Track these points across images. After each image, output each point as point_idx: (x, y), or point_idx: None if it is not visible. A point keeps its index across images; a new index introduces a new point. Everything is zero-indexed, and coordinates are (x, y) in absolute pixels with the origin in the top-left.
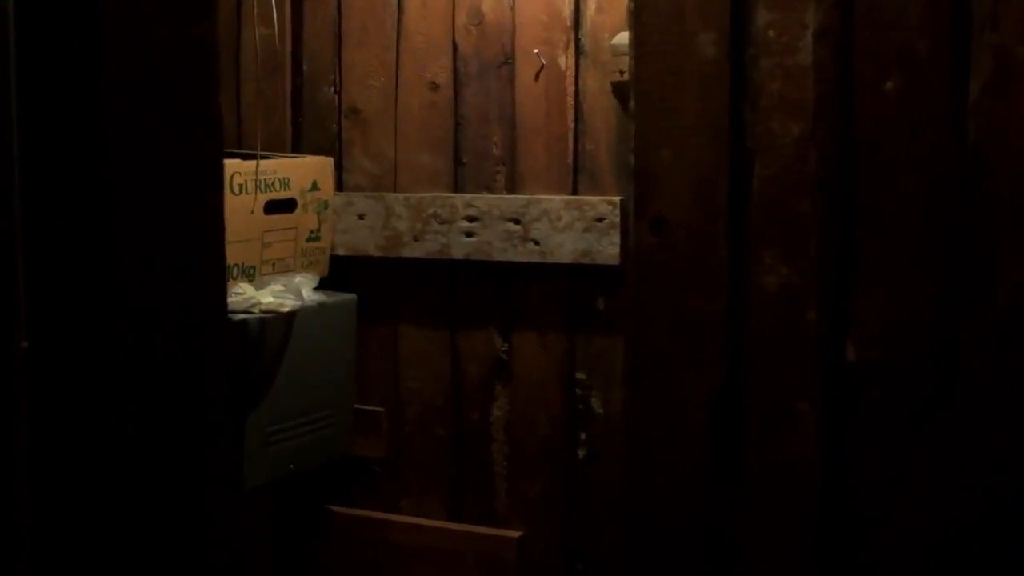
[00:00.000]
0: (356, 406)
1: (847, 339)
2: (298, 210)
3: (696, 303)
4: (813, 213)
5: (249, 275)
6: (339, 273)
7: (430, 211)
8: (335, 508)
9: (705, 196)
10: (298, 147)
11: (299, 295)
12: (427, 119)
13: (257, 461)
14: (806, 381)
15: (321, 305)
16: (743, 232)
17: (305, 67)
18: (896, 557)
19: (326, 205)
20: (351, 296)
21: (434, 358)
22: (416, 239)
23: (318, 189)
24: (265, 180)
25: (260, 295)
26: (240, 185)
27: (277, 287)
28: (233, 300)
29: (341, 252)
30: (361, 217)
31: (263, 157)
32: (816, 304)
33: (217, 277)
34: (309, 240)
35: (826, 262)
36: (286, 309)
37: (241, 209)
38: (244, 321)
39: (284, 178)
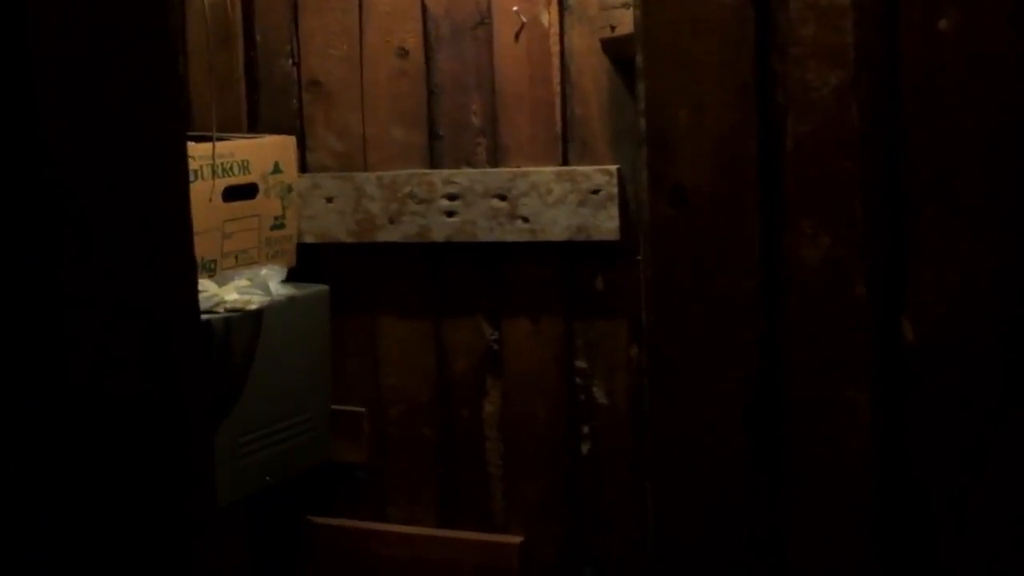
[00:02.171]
0: (334, 407)
1: (902, 318)
2: (260, 195)
3: (725, 282)
4: (857, 174)
5: (210, 270)
6: (308, 263)
7: (406, 190)
8: (316, 519)
9: (730, 159)
10: (255, 126)
11: (267, 289)
12: (397, 89)
13: (229, 476)
14: (856, 366)
15: (291, 299)
16: (776, 199)
17: (259, 37)
18: (969, 566)
19: (290, 189)
20: (323, 288)
21: (417, 351)
22: (392, 222)
23: (280, 172)
24: (223, 164)
25: (224, 292)
26: (195, 170)
27: (242, 282)
28: None
29: (309, 239)
30: (329, 200)
31: (218, 139)
32: (865, 278)
33: (186, 272)
34: (273, 228)
35: (875, 230)
36: (253, 306)
37: (197, 197)
38: (208, 322)
39: (243, 161)
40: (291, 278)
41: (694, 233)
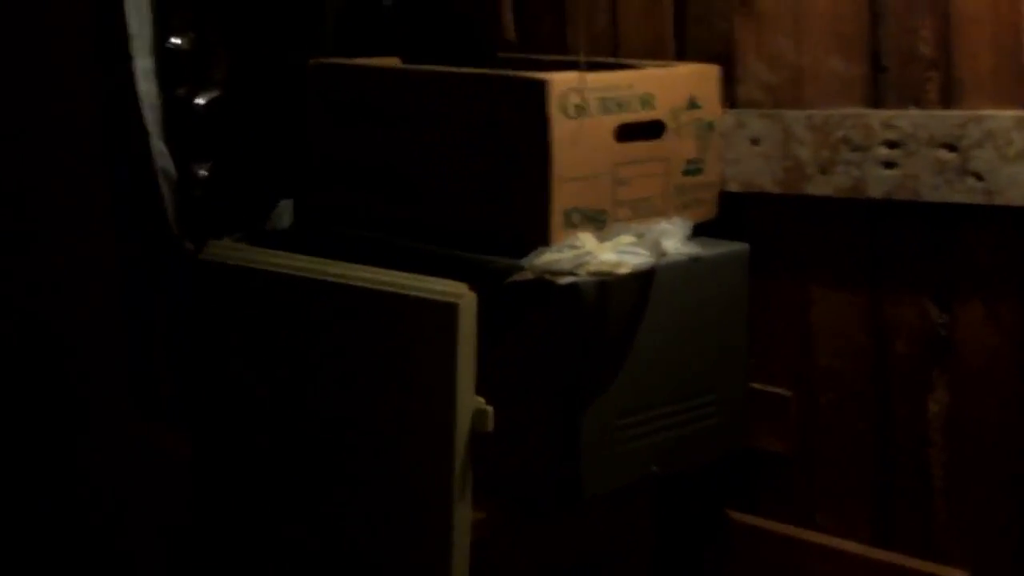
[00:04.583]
0: (753, 386)
1: None
2: (668, 135)
3: None
4: None
5: (598, 221)
6: (729, 215)
7: (839, 134)
8: (736, 515)
9: None
10: (683, 52)
11: (655, 249)
12: (836, 10)
13: (601, 462)
14: None
15: (695, 260)
16: None
17: None
18: None
19: (711, 126)
20: (741, 247)
21: (851, 329)
22: (822, 171)
23: (698, 107)
24: (616, 98)
25: (600, 250)
26: (577, 106)
27: (626, 239)
28: (560, 257)
29: (733, 188)
30: (755, 142)
31: (616, 67)
32: None
33: None
34: (687, 173)
35: None
36: (624, 270)
37: (580, 137)
38: (573, 286)
39: (645, 94)
40: (709, 232)
41: None
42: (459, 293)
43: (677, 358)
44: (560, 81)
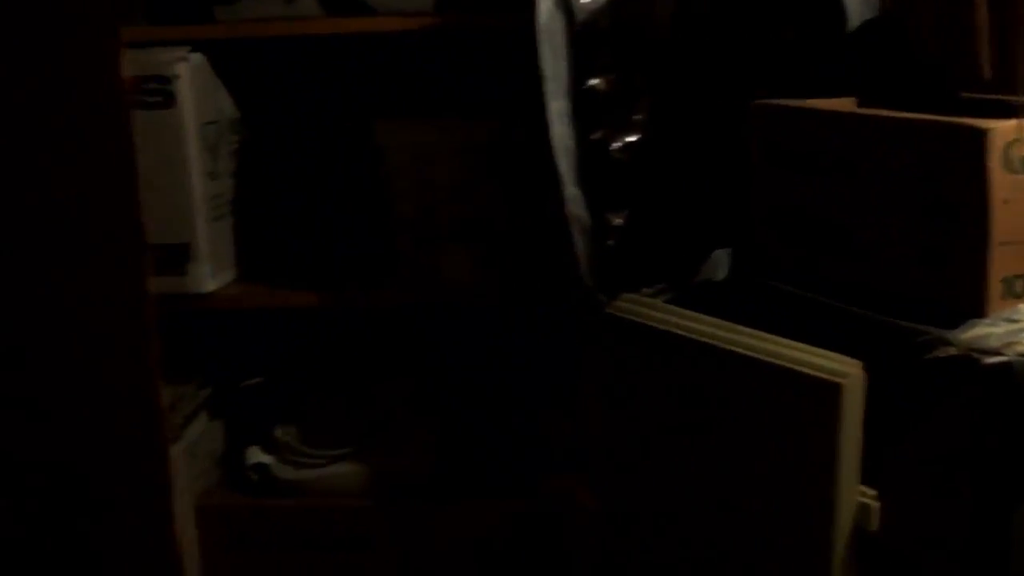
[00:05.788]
0: None
1: None
2: None
3: None
4: None
5: None
6: None
7: None
8: None
9: None
10: None
11: None
12: None
13: None
14: None
15: None
16: None
17: None
18: None
19: None
20: None
21: None
22: None
23: None
24: None
25: None
26: None
27: None
28: (991, 331)
29: None
30: None
31: None
32: None
33: None
34: None
35: None
36: None
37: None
38: (1004, 366)
39: None
40: None
41: None
42: (845, 372)
43: None
44: (1003, 130)
